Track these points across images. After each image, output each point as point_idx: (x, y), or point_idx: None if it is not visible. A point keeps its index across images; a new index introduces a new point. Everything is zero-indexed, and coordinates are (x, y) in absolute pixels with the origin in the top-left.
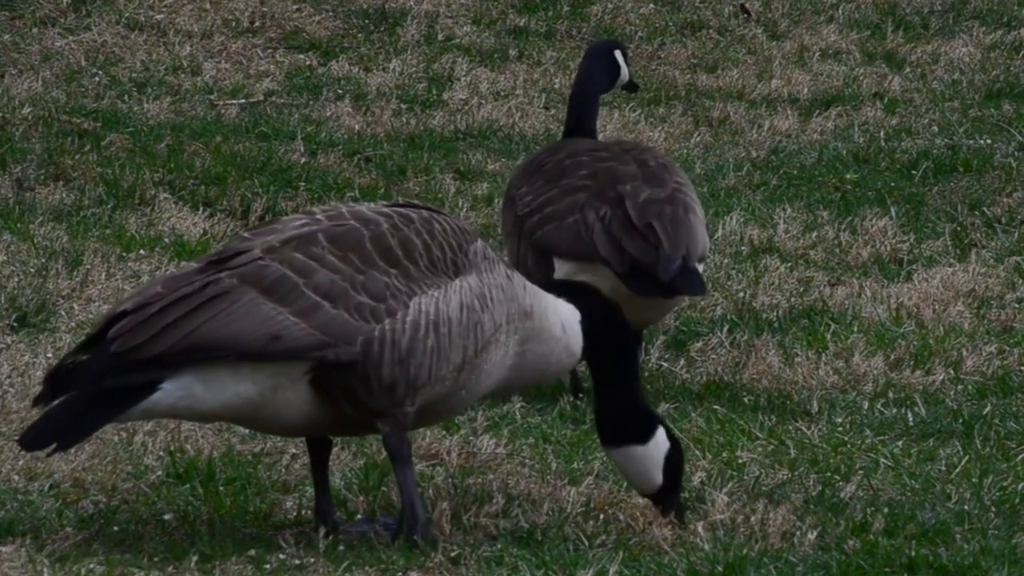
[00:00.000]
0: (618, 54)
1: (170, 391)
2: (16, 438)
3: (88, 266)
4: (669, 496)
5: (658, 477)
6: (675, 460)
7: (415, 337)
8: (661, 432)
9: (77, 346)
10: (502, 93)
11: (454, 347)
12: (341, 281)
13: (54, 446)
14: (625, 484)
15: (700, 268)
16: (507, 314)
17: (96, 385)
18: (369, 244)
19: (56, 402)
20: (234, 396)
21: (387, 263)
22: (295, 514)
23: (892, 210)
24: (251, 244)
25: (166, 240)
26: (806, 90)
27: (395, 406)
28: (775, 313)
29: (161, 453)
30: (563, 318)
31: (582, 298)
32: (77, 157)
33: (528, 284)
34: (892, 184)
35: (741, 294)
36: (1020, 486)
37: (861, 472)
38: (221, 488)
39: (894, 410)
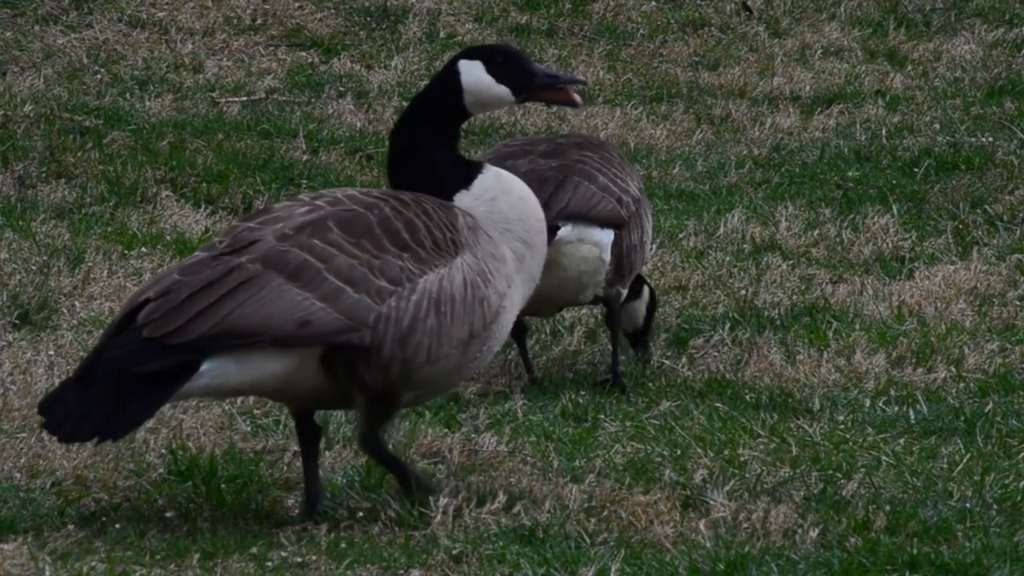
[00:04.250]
0: (466, 65)
1: (208, 371)
2: (46, 430)
3: (90, 264)
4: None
5: (501, 91)
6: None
7: (416, 316)
8: (463, 65)
9: (102, 337)
10: None
11: (458, 324)
12: (360, 266)
13: (98, 438)
14: (627, 482)
15: (568, 230)
16: (506, 277)
17: (132, 371)
18: (378, 229)
19: (67, 388)
20: (263, 373)
21: (398, 247)
22: (297, 512)
23: (894, 208)
24: (262, 232)
25: (168, 238)
26: (808, 88)
27: (387, 385)
28: (777, 311)
29: (163, 451)
30: (498, 214)
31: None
32: (79, 155)
33: (483, 220)
34: (894, 182)
35: (743, 292)
36: (1022, 484)
37: (863, 470)
38: (223, 486)
39: (896, 408)
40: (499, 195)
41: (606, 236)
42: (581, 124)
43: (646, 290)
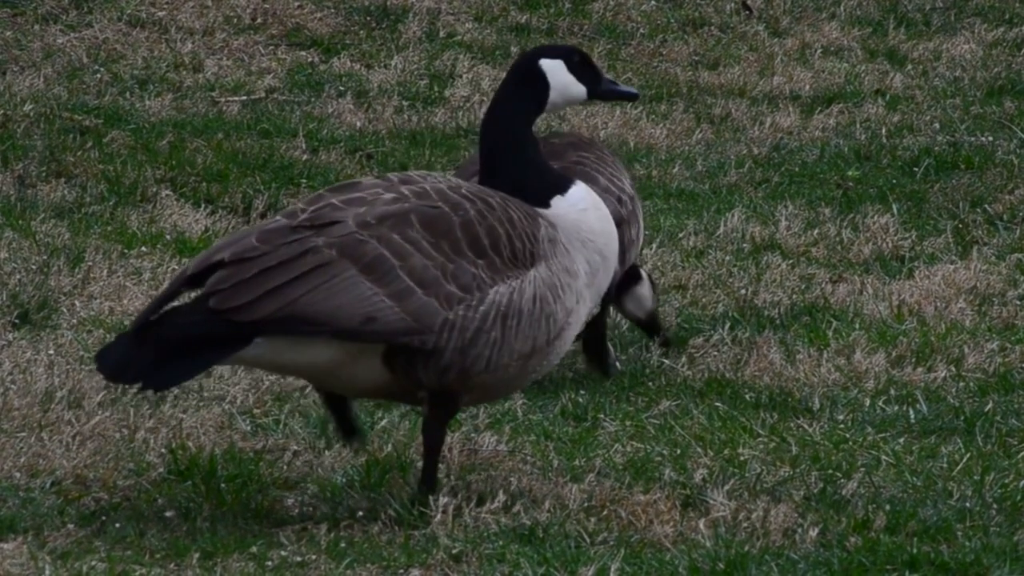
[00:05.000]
0: (548, 64)
1: (262, 344)
2: (93, 357)
3: (90, 263)
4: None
5: (578, 88)
6: None
7: (481, 328)
8: (546, 64)
9: (169, 284)
10: None
11: (521, 338)
12: (434, 268)
13: (140, 384)
14: (627, 481)
15: None
16: (576, 294)
17: (191, 334)
18: (459, 232)
19: (127, 337)
20: (317, 358)
21: (475, 253)
22: (297, 511)
23: (894, 207)
24: (344, 214)
25: (168, 237)
26: (808, 87)
27: (442, 386)
28: (776, 310)
29: (163, 450)
30: (584, 225)
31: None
32: (79, 154)
33: (564, 232)
34: (894, 181)
35: (743, 291)
36: (1022, 483)
37: (863, 469)
38: (223, 485)
39: (896, 407)
40: (590, 208)
41: None
42: (581, 124)
43: (643, 273)
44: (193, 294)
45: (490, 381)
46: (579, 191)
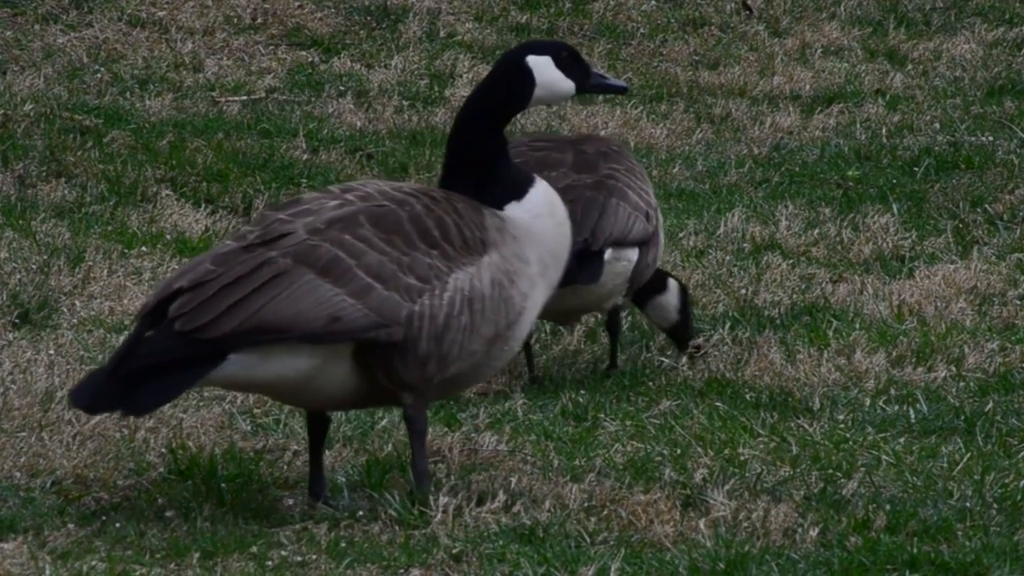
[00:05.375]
0: (535, 60)
1: (234, 362)
2: (73, 406)
3: (90, 263)
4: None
5: (566, 85)
6: None
7: (451, 313)
8: (533, 59)
9: (135, 327)
10: None
11: (486, 322)
12: (390, 263)
13: (120, 411)
14: (627, 481)
15: (609, 253)
16: (529, 279)
17: (163, 360)
18: (409, 226)
19: (99, 371)
20: (288, 369)
21: (427, 245)
22: (297, 511)
23: (894, 207)
24: (293, 225)
25: (168, 237)
26: (808, 87)
27: (425, 379)
28: (777, 310)
29: (163, 450)
30: (536, 228)
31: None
32: (79, 154)
33: (513, 224)
34: (894, 181)
35: (743, 291)
36: (1022, 483)
37: (863, 469)
38: (223, 485)
39: (896, 407)
40: (545, 215)
41: (636, 252)
42: (581, 123)
43: (672, 283)
44: None
45: (461, 369)
46: (538, 196)
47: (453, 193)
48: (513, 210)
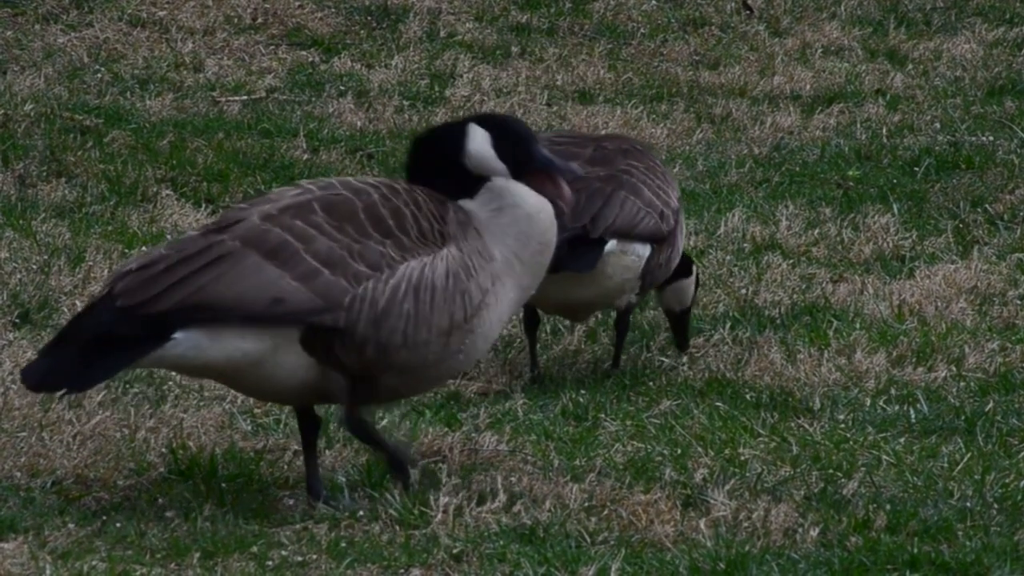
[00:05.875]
0: (475, 130)
1: (180, 341)
2: (23, 384)
3: (90, 263)
4: None
5: (497, 165)
6: None
7: (393, 299)
8: (471, 130)
9: (85, 306)
10: (504, 90)
11: (438, 312)
12: (339, 249)
13: (64, 390)
14: (627, 481)
15: (613, 244)
16: (491, 275)
17: (103, 334)
18: (363, 215)
19: (51, 350)
20: (236, 351)
21: (381, 234)
22: (297, 511)
23: (894, 207)
24: (248, 212)
25: (168, 237)
26: (808, 87)
27: (364, 367)
28: (777, 310)
29: (163, 450)
30: (510, 212)
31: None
32: (79, 154)
33: (477, 220)
34: (894, 181)
35: (743, 291)
36: (1022, 483)
37: (863, 469)
38: (223, 485)
39: (896, 407)
40: (505, 207)
41: (647, 249)
42: (582, 123)
43: (695, 270)
44: None
45: (413, 360)
46: (492, 189)
47: (417, 186)
48: (466, 204)
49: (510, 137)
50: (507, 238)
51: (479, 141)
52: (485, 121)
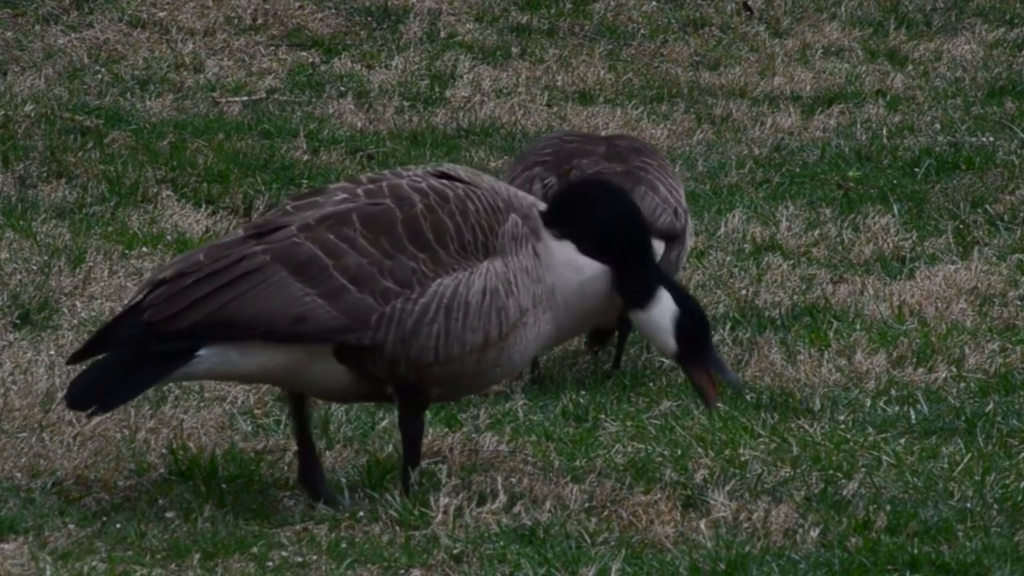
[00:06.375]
0: (661, 294)
1: (207, 357)
2: (64, 397)
3: (90, 263)
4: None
5: (669, 342)
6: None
7: (422, 318)
8: (665, 297)
9: (121, 311)
10: (504, 90)
11: (470, 330)
12: (369, 265)
13: (95, 407)
14: (628, 482)
15: None
16: (533, 297)
17: (130, 350)
18: (400, 227)
19: (92, 364)
20: (269, 362)
21: (416, 248)
22: (297, 511)
23: (894, 207)
24: (291, 219)
25: (168, 237)
26: (808, 87)
27: (400, 379)
28: (777, 311)
29: (163, 451)
30: (582, 274)
31: (591, 230)
32: (80, 154)
33: (546, 248)
34: (894, 182)
35: (743, 292)
36: (1022, 484)
37: (863, 470)
38: (223, 486)
39: (896, 408)
40: (571, 271)
41: (661, 246)
42: (582, 123)
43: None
44: None
45: (448, 374)
46: (585, 259)
47: (480, 191)
48: (556, 242)
49: (695, 327)
50: (569, 282)
51: (665, 317)
52: (681, 297)
